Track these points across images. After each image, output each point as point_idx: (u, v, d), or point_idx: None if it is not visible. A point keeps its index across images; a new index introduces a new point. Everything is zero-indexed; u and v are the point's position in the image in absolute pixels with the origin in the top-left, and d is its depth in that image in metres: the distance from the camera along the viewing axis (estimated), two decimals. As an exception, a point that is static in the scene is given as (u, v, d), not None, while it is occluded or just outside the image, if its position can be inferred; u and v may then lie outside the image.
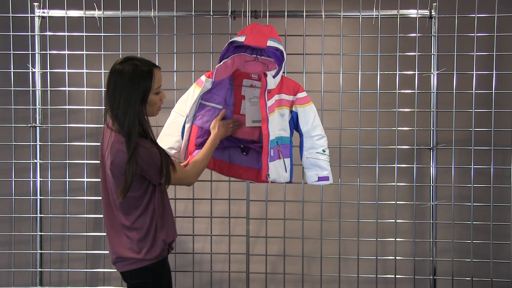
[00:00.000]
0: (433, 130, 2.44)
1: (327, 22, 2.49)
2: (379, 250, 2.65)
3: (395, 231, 2.51)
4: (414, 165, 2.47)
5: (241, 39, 1.94)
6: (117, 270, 1.66)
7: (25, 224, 2.65)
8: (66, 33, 2.49)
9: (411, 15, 2.43)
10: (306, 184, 2.45)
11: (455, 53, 2.41)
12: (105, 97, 1.57)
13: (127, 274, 1.63)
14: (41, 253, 2.59)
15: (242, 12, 2.37)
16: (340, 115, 2.45)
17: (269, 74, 2.02)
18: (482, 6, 2.39)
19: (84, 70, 2.50)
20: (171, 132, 1.98)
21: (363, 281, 2.70)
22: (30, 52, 2.51)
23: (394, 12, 2.41)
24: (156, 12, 2.43)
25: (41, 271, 2.60)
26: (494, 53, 2.41)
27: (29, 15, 2.49)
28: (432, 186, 2.46)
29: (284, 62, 2.03)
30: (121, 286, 2.67)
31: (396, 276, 2.51)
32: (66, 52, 2.50)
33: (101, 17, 2.45)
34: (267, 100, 1.98)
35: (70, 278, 2.68)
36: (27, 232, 2.62)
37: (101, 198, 1.67)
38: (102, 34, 2.46)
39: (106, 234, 1.67)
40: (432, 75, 2.43)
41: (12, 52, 2.52)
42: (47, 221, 2.61)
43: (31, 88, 2.53)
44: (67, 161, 2.55)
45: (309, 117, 2.08)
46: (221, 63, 1.96)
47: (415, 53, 2.42)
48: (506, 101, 2.60)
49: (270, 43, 1.94)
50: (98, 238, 2.75)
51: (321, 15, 2.38)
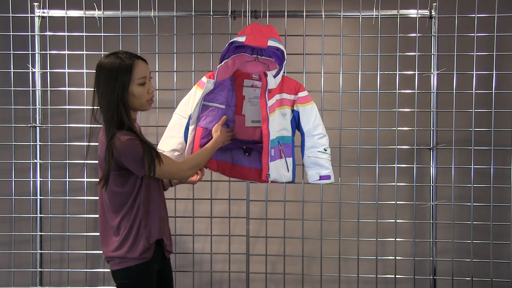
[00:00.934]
0: (433, 130, 2.44)
1: (327, 22, 2.49)
2: (379, 250, 2.65)
3: (395, 231, 2.51)
4: (414, 165, 2.47)
5: (242, 39, 1.94)
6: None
7: (25, 224, 2.65)
8: (66, 33, 2.49)
9: (411, 15, 2.43)
10: (306, 184, 2.46)
11: (455, 53, 2.41)
12: (93, 94, 1.59)
13: (114, 274, 1.63)
14: (41, 253, 2.59)
15: (242, 12, 2.37)
16: (340, 115, 2.45)
17: (270, 74, 2.02)
18: (482, 6, 2.39)
19: (84, 70, 2.50)
20: (174, 134, 1.98)
21: (363, 281, 2.70)
22: (30, 52, 2.51)
23: (394, 12, 2.41)
24: (156, 12, 2.43)
25: (41, 271, 2.60)
26: (494, 53, 2.41)
27: (29, 15, 2.49)
28: (432, 186, 2.46)
29: (285, 62, 2.03)
30: (121, 286, 2.67)
31: (396, 276, 2.51)
32: (66, 52, 2.50)
33: (101, 17, 2.45)
34: (268, 100, 1.99)
35: (70, 278, 2.68)
36: (27, 232, 2.62)
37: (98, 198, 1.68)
38: (102, 34, 2.46)
39: (100, 234, 1.67)
40: (432, 75, 2.43)
41: (12, 52, 2.52)
42: (47, 221, 2.61)
43: (31, 88, 2.53)
44: (67, 161, 2.55)
45: (311, 116, 2.08)
46: (222, 63, 1.96)
47: (415, 53, 2.42)
48: (506, 101, 2.60)
49: (271, 43, 1.94)
50: (98, 238, 2.74)
51: (321, 15, 2.38)
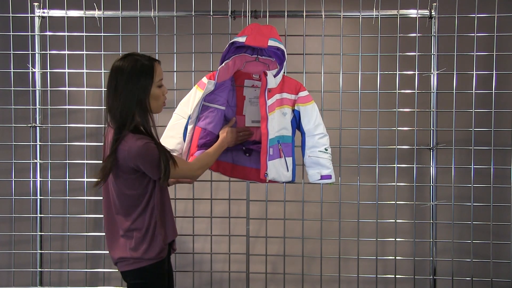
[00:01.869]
0: (433, 130, 2.44)
1: (327, 22, 2.49)
2: (379, 250, 2.65)
3: (395, 231, 2.51)
4: (414, 165, 2.47)
5: (242, 40, 1.94)
6: (118, 270, 1.66)
7: (25, 224, 2.65)
8: (66, 33, 2.49)
9: (411, 15, 2.43)
10: (306, 184, 2.46)
11: (455, 53, 2.41)
12: (106, 97, 1.56)
13: (127, 274, 1.63)
14: (41, 253, 2.59)
15: (242, 12, 2.37)
16: (340, 115, 2.45)
17: (270, 73, 2.02)
18: (482, 6, 2.39)
19: (84, 70, 2.50)
20: (173, 134, 1.98)
21: (363, 281, 2.70)
22: (30, 52, 2.51)
23: (394, 12, 2.41)
24: (156, 12, 2.43)
25: (41, 271, 2.60)
26: (494, 53, 2.41)
27: (29, 15, 2.49)
28: (432, 186, 2.46)
29: (285, 62, 2.03)
30: (121, 286, 2.67)
31: (396, 276, 2.51)
32: (66, 52, 2.50)
33: (101, 17, 2.45)
34: (267, 99, 1.99)
35: (70, 278, 2.68)
36: (27, 232, 2.62)
37: (102, 199, 1.67)
38: (102, 34, 2.46)
39: (105, 235, 1.67)
40: (432, 75, 2.43)
41: (12, 52, 2.52)
42: (47, 221, 2.61)
43: (31, 88, 2.53)
44: (67, 161, 2.55)
45: (311, 116, 2.08)
46: (223, 64, 1.96)
47: (415, 53, 2.42)
48: (506, 101, 2.60)
49: (271, 43, 1.94)
50: (98, 238, 2.75)
51: (321, 15, 2.38)
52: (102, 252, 2.59)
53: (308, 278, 2.65)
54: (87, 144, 2.61)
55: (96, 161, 2.63)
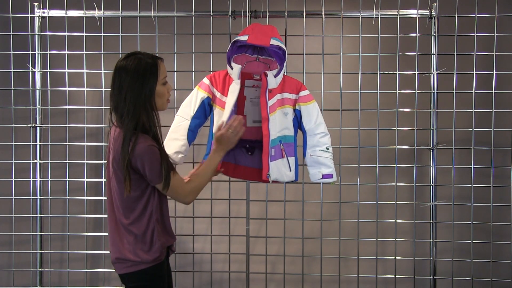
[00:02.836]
0: (433, 130, 2.45)
1: (327, 22, 2.49)
2: (379, 250, 2.65)
3: (395, 231, 2.51)
4: (414, 165, 2.47)
5: (244, 38, 1.94)
6: (116, 272, 1.66)
7: (25, 224, 2.65)
8: (66, 33, 2.49)
9: (411, 15, 2.43)
10: (306, 184, 2.46)
11: (455, 53, 2.41)
12: (111, 96, 1.55)
13: (125, 277, 1.62)
14: (41, 253, 2.59)
15: (242, 12, 2.37)
16: (340, 115, 2.45)
17: (270, 74, 2.02)
18: (482, 6, 2.39)
19: (84, 70, 2.50)
20: (177, 137, 1.98)
21: (363, 281, 2.70)
22: (30, 52, 2.51)
23: (394, 12, 2.41)
24: (156, 12, 2.43)
25: (41, 271, 2.60)
26: (494, 53, 2.41)
27: (29, 15, 2.49)
28: (432, 186, 2.46)
29: (285, 61, 2.03)
30: (121, 286, 2.67)
31: (396, 276, 2.51)
32: (66, 52, 2.50)
33: (101, 17, 2.45)
34: (268, 100, 1.99)
35: (70, 278, 2.68)
36: (27, 232, 2.62)
37: (106, 198, 1.67)
38: (102, 34, 2.46)
39: (108, 234, 1.67)
40: (432, 75, 2.43)
41: (12, 52, 2.52)
42: (47, 221, 2.61)
43: (31, 88, 2.53)
44: (67, 161, 2.55)
45: (312, 115, 2.08)
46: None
47: (415, 53, 2.42)
48: (506, 101, 2.60)
49: (273, 42, 1.94)
50: (98, 238, 2.75)
51: (321, 15, 2.38)
52: (102, 252, 2.58)
53: (308, 278, 2.65)
54: (87, 144, 2.61)
55: (96, 161, 2.63)
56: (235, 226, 2.72)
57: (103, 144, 2.53)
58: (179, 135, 2.00)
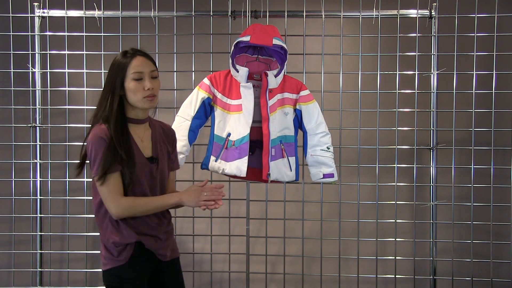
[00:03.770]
0: (433, 130, 2.45)
1: (327, 22, 2.49)
2: (379, 250, 2.65)
3: (395, 231, 2.51)
4: (414, 165, 2.47)
5: (247, 39, 1.94)
6: None
7: (25, 224, 2.65)
8: (66, 33, 2.49)
9: (411, 15, 2.43)
10: (306, 184, 2.46)
11: (455, 53, 2.41)
12: None
13: (102, 274, 1.59)
14: (41, 253, 2.59)
15: (242, 12, 2.37)
16: (340, 115, 2.45)
17: (270, 74, 2.02)
18: (482, 6, 2.39)
19: (84, 70, 2.50)
20: (178, 137, 1.98)
21: (363, 281, 2.70)
22: (30, 52, 2.51)
23: (394, 12, 2.41)
24: (156, 12, 2.43)
25: (41, 271, 2.60)
26: (494, 53, 2.41)
27: (29, 15, 2.49)
28: (432, 186, 2.46)
29: (286, 61, 2.03)
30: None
31: (396, 276, 2.51)
32: (66, 52, 2.50)
33: (101, 17, 2.45)
34: (268, 100, 1.99)
35: (70, 278, 2.68)
36: (27, 232, 2.61)
37: None
38: (102, 34, 2.46)
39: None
40: (432, 75, 2.43)
41: (12, 52, 2.52)
42: (47, 221, 2.61)
43: (31, 88, 2.52)
44: (67, 161, 2.55)
45: (313, 115, 2.09)
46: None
47: (415, 53, 2.42)
48: (506, 101, 2.60)
49: (276, 42, 1.95)
50: (98, 238, 2.74)
51: (321, 15, 2.38)
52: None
53: (308, 278, 2.65)
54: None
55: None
56: (235, 226, 2.72)
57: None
58: (180, 136, 2.00)
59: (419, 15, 2.41)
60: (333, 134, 2.26)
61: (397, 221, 2.51)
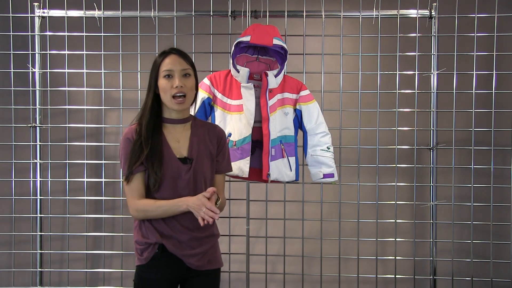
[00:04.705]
0: (433, 130, 2.45)
1: (327, 22, 2.49)
2: (379, 250, 2.65)
3: (395, 231, 2.51)
4: (414, 165, 2.47)
5: (247, 39, 1.95)
6: None
7: (25, 224, 2.65)
8: (66, 33, 2.49)
9: (411, 15, 2.43)
10: (306, 184, 2.46)
11: (455, 53, 2.41)
12: None
13: None
14: (41, 253, 2.59)
15: (242, 12, 2.37)
16: (340, 115, 2.45)
17: (270, 74, 2.02)
18: (482, 6, 2.39)
19: (84, 70, 2.50)
20: None
21: (363, 281, 2.69)
22: (30, 52, 2.51)
23: (394, 12, 2.41)
24: (156, 12, 2.43)
25: (41, 271, 2.59)
26: (494, 53, 2.41)
27: (29, 15, 2.49)
28: (432, 186, 2.46)
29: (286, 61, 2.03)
30: (121, 286, 2.66)
31: (396, 276, 2.51)
32: (66, 52, 2.50)
33: (101, 17, 2.45)
34: (268, 100, 1.99)
35: (70, 278, 2.68)
36: (27, 232, 2.61)
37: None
38: (102, 34, 2.46)
39: None
40: (432, 75, 2.43)
41: (12, 52, 2.52)
42: (47, 221, 2.61)
43: (31, 88, 2.52)
44: (67, 161, 2.55)
45: (313, 115, 2.09)
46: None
47: (415, 53, 2.42)
48: (506, 101, 2.60)
49: (276, 42, 1.95)
50: (98, 238, 2.75)
51: (321, 15, 2.38)
52: (102, 252, 2.58)
53: (308, 278, 2.65)
54: (87, 144, 2.61)
55: (96, 161, 2.63)
56: (235, 226, 2.71)
57: (103, 144, 2.53)
58: None
59: (419, 15, 2.41)
60: (333, 134, 2.26)
61: (397, 221, 2.51)
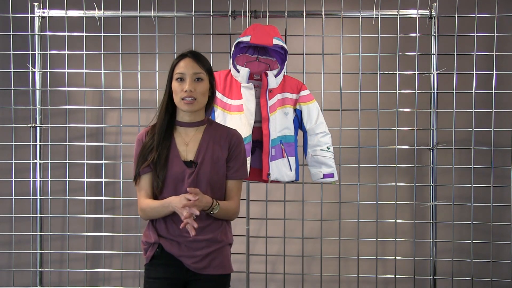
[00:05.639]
0: (433, 130, 2.44)
1: (327, 22, 2.49)
2: (379, 250, 2.65)
3: (395, 231, 2.51)
4: (414, 165, 2.47)
5: (247, 39, 1.95)
6: None
7: (25, 224, 2.65)
8: (66, 33, 2.49)
9: (411, 15, 2.43)
10: (306, 184, 2.46)
11: (455, 53, 2.41)
12: None
13: None
14: (41, 253, 2.59)
15: (242, 12, 2.37)
16: (340, 115, 2.44)
17: (270, 74, 2.02)
18: (482, 6, 2.39)
19: (84, 70, 2.50)
20: None
21: (363, 281, 2.69)
22: (30, 52, 2.51)
23: (394, 12, 2.41)
24: (156, 12, 2.43)
25: (41, 271, 2.59)
26: (494, 53, 2.41)
27: (29, 15, 2.49)
28: (432, 186, 2.46)
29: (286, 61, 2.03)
30: (121, 286, 2.66)
31: (396, 276, 2.51)
32: (66, 52, 2.50)
33: (101, 17, 2.45)
34: (268, 100, 1.99)
35: (70, 278, 2.68)
36: (27, 232, 2.61)
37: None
38: (102, 34, 2.46)
39: None
40: (432, 75, 2.43)
41: (12, 52, 2.52)
42: (47, 221, 2.61)
43: (31, 88, 2.52)
44: (67, 161, 2.55)
45: (313, 115, 2.09)
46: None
47: (415, 53, 2.42)
48: (506, 101, 2.60)
49: (276, 42, 1.95)
50: (98, 238, 2.75)
51: (321, 15, 2.38)
52: (102, 252, 2.58)
53: (308, 278, 2.65)
54: (87, 144, 2.61)
55: (96, 161, 2.63)
56: (235, 226, 2.70)
57: (103, 144, 2.53)
58: None
59: (419, 15, 2.41)
60: (333, 134, 2.26)
61: (397, 221, 2.51)
